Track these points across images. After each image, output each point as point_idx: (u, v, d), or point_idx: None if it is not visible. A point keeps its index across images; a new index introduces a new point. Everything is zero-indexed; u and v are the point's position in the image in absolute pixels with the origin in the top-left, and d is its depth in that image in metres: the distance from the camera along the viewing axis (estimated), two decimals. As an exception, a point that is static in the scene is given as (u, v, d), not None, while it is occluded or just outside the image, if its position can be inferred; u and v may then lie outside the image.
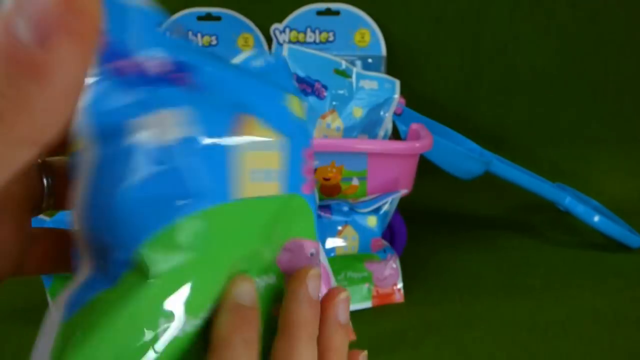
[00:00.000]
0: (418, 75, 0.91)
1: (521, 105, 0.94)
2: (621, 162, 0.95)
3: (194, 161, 0.17)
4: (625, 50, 0.91)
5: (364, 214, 0.61)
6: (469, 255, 0.75)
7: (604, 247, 0.78)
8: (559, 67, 0.92)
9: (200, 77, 0.18)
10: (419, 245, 0.75)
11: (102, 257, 0.17)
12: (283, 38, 0.87)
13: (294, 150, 0.21)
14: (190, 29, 0.86)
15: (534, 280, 0.69)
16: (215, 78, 0.19)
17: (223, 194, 0.18)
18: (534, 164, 0.91)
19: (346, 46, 0.87)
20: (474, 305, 0.64)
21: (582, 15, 0.89)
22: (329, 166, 0.62)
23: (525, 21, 0.89)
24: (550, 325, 0.60)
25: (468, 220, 0.87)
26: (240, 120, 0.19)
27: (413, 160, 0.63)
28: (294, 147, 0.21)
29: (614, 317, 0.62)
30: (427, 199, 0.91)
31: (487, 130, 0.94)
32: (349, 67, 0.65)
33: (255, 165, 0.19)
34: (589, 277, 0.70)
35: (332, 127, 0.62)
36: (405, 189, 0.63)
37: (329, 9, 0.86)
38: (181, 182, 0.17)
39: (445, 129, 0.82)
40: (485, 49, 0.90)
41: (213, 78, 0.19)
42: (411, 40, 0.89)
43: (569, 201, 0.77)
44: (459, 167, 0.74)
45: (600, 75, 0.92)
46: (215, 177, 0.17)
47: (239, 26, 0.86)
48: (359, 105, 0.63)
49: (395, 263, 0.65)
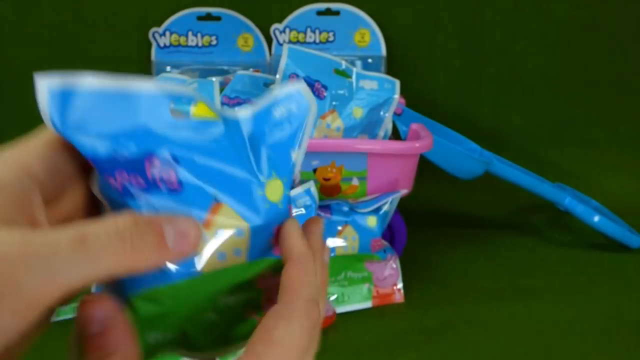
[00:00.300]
0: (418, 75, 0.91)
1: (521, 106, 0.94)
2: (621, 162, 0.95)
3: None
4: (625, 50, 0.91)
5: (364, 214, 0.61)
6: (469, 256, 0.75)
7: (604, 247, 0.78)
8: (559, 67, 0.92)
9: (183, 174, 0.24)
10: (419, 245, 0.75)
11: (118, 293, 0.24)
12: (283, 38, 0.87)
13: (261, 231, 0.25)
14: (190, 29, 0.86)
15: (534, 280, 0.69)
16: (197, 172, 0.24)
17: (191, 271, 0.24)
18: (534, 164, 0.91)
19: (346, 46, 0.87)
20: (474, 305, 0.64)
21: (582, 15, 0.89)
22: (329, 166, 0.62)
23: (525, 21, 0.89)
24: (550, 325, 0.60)
25: (468, 220, 0.87)
26: (214, 210, 0.24)
27: (413, 160, 0.63)
28: (262, 230, 0.25)
29: (614, 317, 0.62)
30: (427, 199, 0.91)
31: (487, 130, 0.94)
32: (349, 67, 0.65)
33: (223, 249, 0.25)
34: (589, 277, 0.70)
35: (332, 127, 0.62)
36: (405, 189, 0.63)
37: (329, 9, 0.86)
38: (159, 269, 0.23)
39: (445, 129, 0.82)
40: (485, 49, 0.90)
41: (196, 172, 0.24)
42: (411, 40, 0.89)
43: (569, 201, 0.77)
44: (459, 167, 0.74)
45: (601, 76, 0.92)
46: (184, 262, 0.24)
47: (239, 26, 0.86)
48: (359, 105, 0.63)
49: (395, 263, 0.65)
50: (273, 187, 0.26)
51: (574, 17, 0.89)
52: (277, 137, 0.27)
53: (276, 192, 0.26)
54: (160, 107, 0.23)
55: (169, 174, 0.23)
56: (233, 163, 0.25)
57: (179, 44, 0.86)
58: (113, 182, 0.23)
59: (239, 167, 0.25)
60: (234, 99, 0.69)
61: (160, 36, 0.86)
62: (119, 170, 0.23)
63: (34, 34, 0.85)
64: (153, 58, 0.86)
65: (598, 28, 0.90)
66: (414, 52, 0.90)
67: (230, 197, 0.25)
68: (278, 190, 0.26)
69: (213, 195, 0.24)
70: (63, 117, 0.21)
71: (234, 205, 0.25)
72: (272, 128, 0.27)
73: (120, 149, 0.22)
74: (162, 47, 0.86)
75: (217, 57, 0.87)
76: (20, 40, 0.85)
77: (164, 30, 0.85)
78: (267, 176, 0.26)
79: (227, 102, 0.69)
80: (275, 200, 0.26)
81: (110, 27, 0.86)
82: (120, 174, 0.23)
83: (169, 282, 0.24)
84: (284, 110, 0.27)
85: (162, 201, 0.23)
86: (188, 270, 0.24)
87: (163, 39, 0.86)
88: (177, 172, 0.23)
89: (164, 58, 0.86)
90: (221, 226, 0.24)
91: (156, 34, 0.85)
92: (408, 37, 0.89)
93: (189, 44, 0.86)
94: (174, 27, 0.85)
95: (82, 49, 0.87)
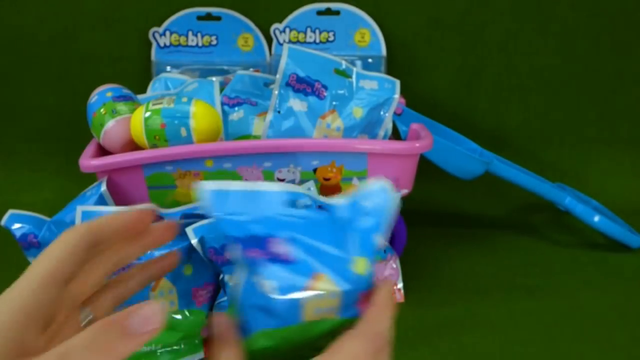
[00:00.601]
0: (418, 75, 0.91)
1: (521, 105, 0.94)
2: (621, 162, 0.95)
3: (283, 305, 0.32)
4: (625, 50, 0.91)
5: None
6: (469, 256, 0.75)
7: (604, 247, 0.78)
8: (559, 67, 0.92)
9: (295, 251, 0.33)
10: (419, 245, 0.75)
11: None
12: (283, 38, 0.87)
13: (349, 295, 0.33)
14: (191, 28, 0.86)
15: (534, 280, 0.69)
16: (305, 250, 0.33)
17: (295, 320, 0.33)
18: (534, 164, 0.91)
19: (346, 46, 0.87)
20: (474, 305, 0.64)
21: (582, 15, 0.89)
22: (329, 166, 0.62)
23: (525, 21, 0.89)
24: (550, 325, 0.61)
25: (468, 220, 0.87)
26: (315, 277, 0.33)
27: (413, 160, 0.63)
28: (350, 294, 0.33)
29: (614, 317, 0.62)
30: (427, 199, 0.91)
31: (487, 130, 0.94)
32: (349, 67, 0.65)
33: (319, 305, 0.33)
34: (589, 277, 0.70)
35: (332, 127, 0.62)
36: (405, 189, 0.63)
37: (329, 9, 0.86)
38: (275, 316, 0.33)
39: (445, 129, 0.82)
40: (485, 49, 0.90)
41: (304, 250, 0.33)
42: (411, 40, 0.89)
43: (569, 201, 0.77)
44: (459, 167, 0.74)
45: (600, 75, 0.92)
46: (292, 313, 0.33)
47: (239, 26, 0.86)
48: (359, 105, 0.63)
49: (395, 263, 0.65)
50: (359, 263, 0.34)
51: (574, 17, 0.89)
52: (364, 224, 0.35)
53: (361, 267, 0.34)
54: (279, 202, 0.34)
55: (286, 251, 0.33)
56: (330, 243, 0.34)
57: (179, 44, 0.86)
58: (249, 254, 0.32)
59: (334, 246, 0.34)
60: (234, 99, 0.69)
61: (160, 36, 0.86)
62: (253, 246, 0.32)
63: (34, 33, 0.85)
64: (153, 58, 0.86)
65: (598, 28, 0.90)
66: (414, 52, 0.90)
67: (327, 268, 0.33)
68: (363, 265, 0.34)
69: (315, 267, 0.33)
70: (220, 208, 0.33)
71: (330, 275, 0.33)
72: (361, 216, 0.35)
73: (255, 230, 0.33)
74: (162, 47, 0.86)
75: (217, 57, 0.87)
76: (21, 40, 0.85)
77: (164, 30, 0.85)
78: (355, 254, 0.34)
79: (227, 102, 0.69)
80: (361, 272, 0.34)
81: (110, 27, 0.86)
82: (254, 249, 0.32)
83: (281, 326, 0.34)
84: (371, 203, 0.36)
85: (280, 270, 0.33)
86: (294, 319, 0.33)
87: (163, 39, 0.86)
88: (291, 249, 0.33)
89: (164, 58, 0.86)
90: (319, 290, 0.33)
91: (156, 34, 0.85)
92: (408, 37, 0.89)
93: (189, 44, 0.86)
94: (174, 27, 0.86)
95: (82, 49, 0.87)
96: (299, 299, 0.33)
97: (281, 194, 0.34)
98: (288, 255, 0.33)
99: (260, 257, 0.33)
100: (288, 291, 0.33)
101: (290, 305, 0.33)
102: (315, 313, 0.34)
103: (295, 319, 0.34)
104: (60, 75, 0.88)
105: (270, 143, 0.61)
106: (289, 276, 0.33)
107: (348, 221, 0.36)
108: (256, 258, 0.33)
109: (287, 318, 0.34)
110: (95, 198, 0.58)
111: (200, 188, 0.33)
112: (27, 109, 0.89)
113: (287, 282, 0.33)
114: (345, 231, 0.36)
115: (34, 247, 0.58)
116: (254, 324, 0.34)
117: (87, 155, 0.61)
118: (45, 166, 0.90)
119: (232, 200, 0.33)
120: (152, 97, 0.71)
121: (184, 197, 0.62)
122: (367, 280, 0.34)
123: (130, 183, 0.61)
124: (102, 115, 0.62)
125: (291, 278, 0.33)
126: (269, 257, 0.33)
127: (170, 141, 0.60)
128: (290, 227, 0.34)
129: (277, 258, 0.33)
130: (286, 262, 0.33)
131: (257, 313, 0.34)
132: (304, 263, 0.33)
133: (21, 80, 0.88)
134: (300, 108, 0.62)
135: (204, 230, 0.53)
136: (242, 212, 0.33)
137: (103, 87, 0.65)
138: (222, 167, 0.61)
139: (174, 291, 0.53)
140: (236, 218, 0.33)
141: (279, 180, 0.62)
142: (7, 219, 0.58)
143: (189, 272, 0.55)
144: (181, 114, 0.59)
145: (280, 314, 0.33)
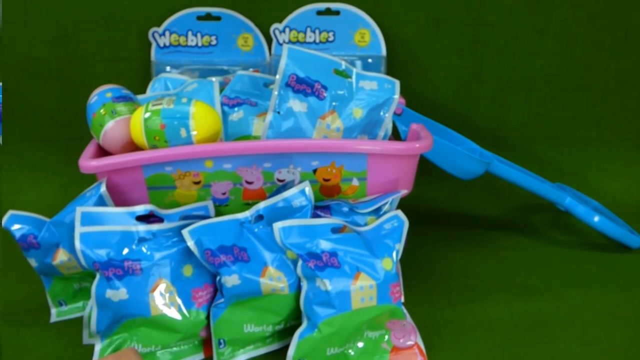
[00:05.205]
0: (418, 75, 0.91)
1: (521, 106, 0.94)
2: (621, 162, 0.95)
3: (337, 297, 0.51)
4: (625, 50, 0.91)
5: (363, 214, 0.61)
6: (469, 256, 0.75)
7: (604, 247, 0.78)
8: (559, 67, 0.92)
9: (340, 259, 0.53)
10: (419, 245, 0.75)
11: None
12: (283, 38, 0.87)
13: (383, 286, 0.53)
14: (190, 28, 0.86)
15: (534, 280, 0.69)
16: (348, 257, 0.53)
17: (347, 308, 0.52)
18: (534, 164, 0.91)
19: (346, 46, 0.87)
20: (474, 305, 0.64)
21: (582, 15, 0.89)
22: (329, 166, 0.62)
23: (525, 21, 0.89)
24: (549, 325, 0.61)
25: (468, 220, 0.87)
26: (357, 276, 0.52)
27: (413, 160, 0.63)
28: (382, 285, 0.53)
29: (614, 317, 0.62)
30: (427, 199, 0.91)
31: (487, 130, 0.94)
32: (349, 67, 0.65)
33: (363, 295, 0.52)
34: (589, 277, 0.70)
35: (332, 127, 0.62)
36: (405, 189, 0.63)
37: (329, 9, 0.86)
38: (332, 306, 0.51)
39: (445, 129, 0.82)
40: (485, 49, 0.90)
41: (347, 257, 0.53)
42: (411, 40, 0.89)
43: (569, 201, 0.77)
44: (459, 167, 0.74)
45: (600, 76, 0.92)
46: (344, 302, 0.51)
47: (239, 26, 0.86)
48: (359, 105, 0.63)
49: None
50: (386, 262, 0.54)
51: (574, 17, 0.89)
52: (388, 239, 0.55)
53: (388, 265, 0.54)
54: (328, 232, 0.54)
55: (333, 261, 0.52)
56: (364, 250, 0.54)
57: (178, 44, 0.86)
58: (308, 265, 0.51)
59: (367, 252, 0.54)
60: (234, 99, 0.69)
61: (160, 36, 0.86)
62: (312, 258, 0.52)
63: (34, 33, 0.85)
64: (153, 58, 0.86)
65: (598, 28, 0.90)
66: (414, 52, 0.90)
67: (365, 267, 0.53)
68: (389, 263, 0.54)
69: (357, 267, 0.52)
70: (286, 238, 0.52)
71: (368, 272, 0.52)
72: (384, 236, 0.55)
73: (312, 248, 0.52)
74: (162, 47, 0.86)
75: (216, 57, 0.87)
76: (21, 40, 0.85)
77: (164, 30, 0.85)
78: (383, 256, 0.54)
79: (227, 103, 0.69)
80: (388, 269, 0.53)
81: (110, 27, 0.86)
82: (313, 261, 0.52)
83: (337, 314, 0.51)
84: (390, 225, 0.56)
85: (331, 274, 0.51)
86: (347, 307, 0.51)
87: (163, 39, 0.86)
88: (336, 259, 0.52)
89: (164, 58, 0.86)
90: (361, 283, 0.52)
91: (156, 34, 0.85)
92: (408, 37, 0.89)
93: (188, 44, 0.86)
94: (173, 27, 0.85)
95: (82, 49, 0.87)
96: (347, 290, 0.51)
97: (327, 226, 0.54)
98: (335, 263, 0.52)
99: (317, 265, 0.51)
100: (339, 286, 0.51)
101: (342, 297, 0.51)
102: (360, 302, 0.51)
103: (347, 307, 0.51)
104: (60, 75, 0.88)
105: (270, 144, 0.61)
106: (338, 277, 0.51)
107: (375, 237, 0.55)
108: (314, 266, 0.51)
109: (341, 306, 0.51)
110: (95, 199, 0.58)
111: (278, 226, 0.52)
112: (27, 109, 0.89)
113: (338, 280, 0.51)
114: (374, 243, 0.54)
115: (33, 248, 0.58)
116: (319, 316, 0.51)
117: (87, 156, 0.61)
118: (45, 166, 0.90)
119: (294, 232, 0.53)
120: (151, 97, 0.71)
121: (183, 197, 0.62)
122: (394, 274, 0.54)
123: (130, 184, 0.61)
124: (102, 116, 0.62)
125: (340, 277, 0.51)
126: (323, 265, 0.51)
127: (170, 142, 0.60)
128: (335, 243, 0.53)
129: (328, 265, 0.51)
130: (334, 266, 0.51)
131: (320, 307, 0.51)
132: (348, 266, 0.52)
133: (21, 80, 0.88)
134: (300, 108, 0.62)
135: (201, 232, 0.53)
136: (301, 239, 0.52)
137: (103, 88, 0.65)
138: (221, 168, 0.61)
139: (174, 292, 0.53)
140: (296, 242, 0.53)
141: (278, 180, 0.62)
142: (7, 220, 0.58)
143: (188, 273, 0.55)
144: (181, 115, 0.59)
145: (336, 304, 0.51)
